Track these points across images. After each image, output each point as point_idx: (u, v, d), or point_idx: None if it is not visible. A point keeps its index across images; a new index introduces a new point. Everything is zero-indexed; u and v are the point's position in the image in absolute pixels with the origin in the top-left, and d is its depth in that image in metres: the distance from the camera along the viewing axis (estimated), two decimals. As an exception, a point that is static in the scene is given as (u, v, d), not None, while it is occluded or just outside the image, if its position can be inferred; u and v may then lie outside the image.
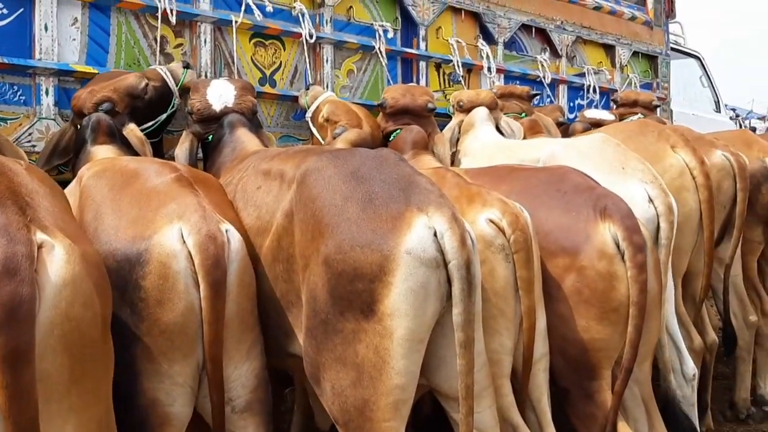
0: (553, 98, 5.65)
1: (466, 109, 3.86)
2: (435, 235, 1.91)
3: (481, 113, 3.64)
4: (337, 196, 2.01)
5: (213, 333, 1.98)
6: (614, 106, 5.26)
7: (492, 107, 3.80)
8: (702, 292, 3.23)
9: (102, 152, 2.75)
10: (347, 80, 4.33)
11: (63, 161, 3.00)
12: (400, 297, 1.89)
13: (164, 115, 3.24)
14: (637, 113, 4.91)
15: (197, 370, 2.05)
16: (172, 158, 3.03)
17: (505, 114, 4.24)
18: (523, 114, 4.40)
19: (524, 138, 3.91)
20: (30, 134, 3.10)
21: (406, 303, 1.89)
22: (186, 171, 2.36)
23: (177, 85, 3.28)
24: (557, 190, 2.53)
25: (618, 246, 2.36)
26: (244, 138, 2.92)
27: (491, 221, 2.29)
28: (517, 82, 5.22)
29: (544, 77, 5.47)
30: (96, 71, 3.22)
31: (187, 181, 2.22)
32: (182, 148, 3.04)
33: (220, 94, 3.05)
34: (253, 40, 3.91)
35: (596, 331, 2.38)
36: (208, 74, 3.66)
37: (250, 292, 2.16)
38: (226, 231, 2.06)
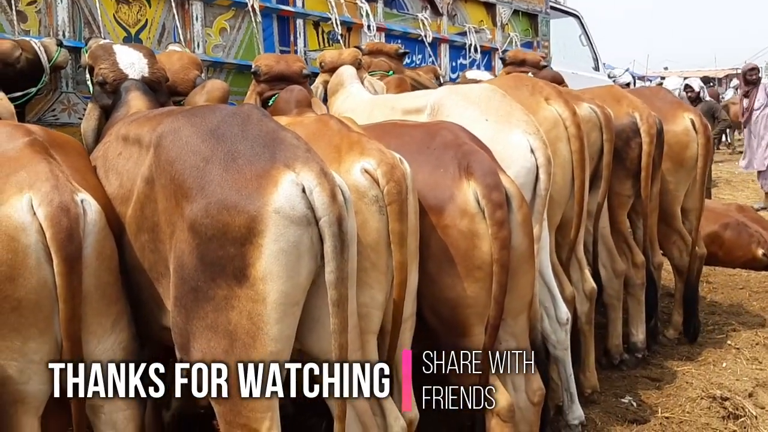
0: (435, 58, 5.68)
1: (329, 69, 3.78)
2: (303, 191, 1.85)
3: (348, 71, 3.57)
4: (197, 158, 1.91)
5: (69, 310, 1.89)
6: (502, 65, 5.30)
7: (356, 67, 3.71)
8: (573, 239, 3.29)
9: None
10: (220, 39, 4.17)
11: None
12: (272, 259, 1.82)
13: (34, 90, 3.17)
14: (526, 72, 4.95)
15: (56, 348, 1.96)
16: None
17: (372, 71, 4.21)
18: (391, 72, 4.36)
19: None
20: None
21: (278, 265, 1.83)
22: (42, 134, 2.20)
23: (50, 62, 3.20)
24: (428, 147, 2.51)
25: (479, 204, 2.37)
26: (134, 103, 2.71)
27: (366, 171, 2.20)
28: (399, 40, 5.20)
29: (425, 36, 5.47)
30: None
31: (42, 146, 2.08)
32: (90, 122, 2.83)
33: (133, 62, 2.82)
34: (116, -3, 3.70)
35: (462, 289, 2.39)
36: (66, 34, 3.42)
37: (111, 265, 2.06)
38: (82, 201, 1.95)
